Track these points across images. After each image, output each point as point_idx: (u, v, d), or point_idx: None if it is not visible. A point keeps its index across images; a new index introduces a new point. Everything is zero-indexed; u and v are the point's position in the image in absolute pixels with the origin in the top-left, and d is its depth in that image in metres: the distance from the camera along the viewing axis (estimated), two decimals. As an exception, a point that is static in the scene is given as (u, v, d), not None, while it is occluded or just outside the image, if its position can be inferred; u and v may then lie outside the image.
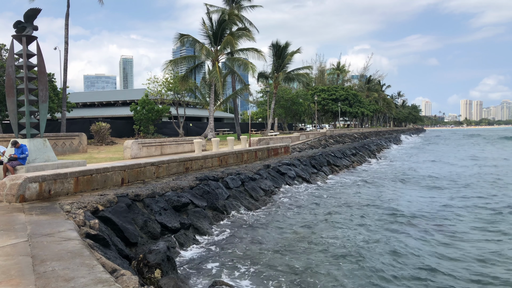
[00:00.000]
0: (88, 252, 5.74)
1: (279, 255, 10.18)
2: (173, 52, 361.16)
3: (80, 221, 7.94)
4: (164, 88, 39.10)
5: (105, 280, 4.63)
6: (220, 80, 35.41)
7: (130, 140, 20.52)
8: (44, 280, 4.62)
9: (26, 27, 12.99)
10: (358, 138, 61.95)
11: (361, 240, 11.54)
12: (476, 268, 9.49)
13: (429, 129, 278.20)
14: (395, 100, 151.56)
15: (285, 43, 47.08)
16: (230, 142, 23.23)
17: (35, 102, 13.57)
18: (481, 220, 14.29)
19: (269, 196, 17.46)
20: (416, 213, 15.25)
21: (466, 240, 11.78)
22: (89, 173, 11.46)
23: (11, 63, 13.11)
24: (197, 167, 17.35)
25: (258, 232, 12.22)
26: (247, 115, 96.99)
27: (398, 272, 9.11)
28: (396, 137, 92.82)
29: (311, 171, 25.19)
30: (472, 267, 9.55)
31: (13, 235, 6.56)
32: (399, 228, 13.13)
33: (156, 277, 7.47)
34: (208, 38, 37.39)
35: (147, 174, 14.09)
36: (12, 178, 9.72)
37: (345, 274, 8.92)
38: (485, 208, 16.38)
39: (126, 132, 39.49)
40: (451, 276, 8.94)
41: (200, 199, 13.21)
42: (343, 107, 77.66)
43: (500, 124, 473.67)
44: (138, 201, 11.03)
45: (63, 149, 23.31)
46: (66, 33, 30.75)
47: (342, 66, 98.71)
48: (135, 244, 9.26)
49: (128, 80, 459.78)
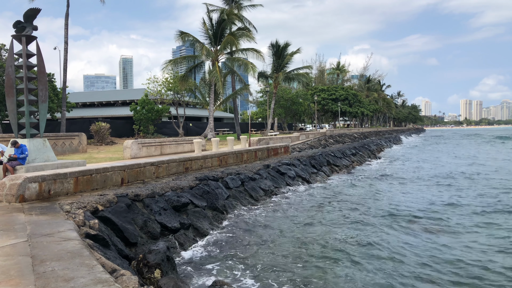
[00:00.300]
0: (87, 252, 5.73)
1: (280, 255, 10.17)
2: (173, 51, 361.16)
3: (80, 221, 7.93)
4: (164, 88, 39.10)
5: (104, 280, 4.62)
6: (220, 79, 35.43)
7: (129, 140, 20.51)
8: (44, 280, 4.61)
9: (25, 27, 12.98)
10: (358, 138, 61.96)
11: (361, 240, 11.54)
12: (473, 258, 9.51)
13: (429, 129, 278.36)
14: (395, 100, 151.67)
15: (285, 43, 47.13)
16: (230, 142, 23.23)
17: (35, 102, 13.56)
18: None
19: (269, 196, 17.46)
20: (412, 211, 15.27)
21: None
22: (88, 173, 11.45)
23: (10, 63, 13.10)
24: (197, 167, 17.35)
25: (258, 232, 12.22)
26: (247, 115, 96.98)
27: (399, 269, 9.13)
28: (396, 137, 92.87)
29: (311, 171, 25.19)
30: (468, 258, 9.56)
31: (13, 235, 6.56)
32: (400, 227, 13.14)
33: (156, 277, 7.47)
34: (208, 38, 37.42)
35: (146, 174, 14.09)
36: (11, 178, 9.71)
37: (346, 275, 8.92)
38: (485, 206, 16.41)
39: (125, 132, 39.49)
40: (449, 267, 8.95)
41: (200, 199, 13.21)
42: (343, 107, 77.70)
43: (500, 124, 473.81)
44: (138, 201, 11.03)
45: (62, 149, 23.30)
46: (65, 33, 30.75)
47: (342, 66, 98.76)
48: (134, 244, 9.25)
49: (128, 80, 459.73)
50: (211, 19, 37.46)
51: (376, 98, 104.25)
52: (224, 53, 38.18)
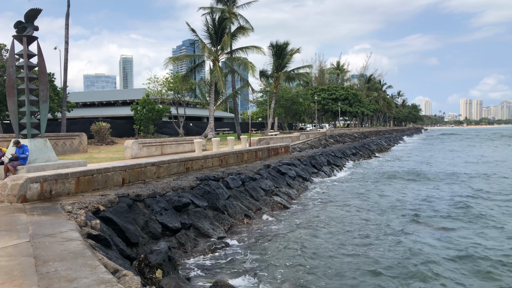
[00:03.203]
0: (90, 253, 5.76)
1: (280, 255, 10.20)
2: (173, 51, 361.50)
3: (82, 222, 7.95)
4: (165, 88, 39.13)
5: (107, 281, 4.64)
6: (221, 78, 35.52)
7: (130, 140, 20.52)
8: (47, 280, 4.63)
9: (26, 27, 12.98)
10: (358, 137, 61.98)
11: (359, 240, 11.57)
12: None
13: (430, 128, 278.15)
14: (395, 100, 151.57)
15: (284, 42, 47.08)
16: (230, 142, 23.24)
17: (36, 102, 13.57)
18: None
19: (269, 196, 17.47)
20: (413, 207, 15.29)
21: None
22: (90, 173, 11.47)
23: (11, 63, 13.11)
24: (198, 167, 17.37)
25: (260, 232, 12.24)
26: (247, 114, 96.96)
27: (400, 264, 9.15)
28: (396, 137, 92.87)
29: (311, 171, 25.21)
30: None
31: (15, 236, 6.58)
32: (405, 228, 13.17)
33: (157, 277, 7.49)
34: (209, 38, 37.53)
35: (147, 174, 14.11)
36: (13, 179, 9.73)
37: (349, 276, 8.95)
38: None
39: (126, 132, 39.49)
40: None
41: (201, 199, 13.23)
42: (343, 106, 77.68)
43: (500, 124, 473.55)
44: (139, 201, 11.05)
45: (63, 149, 23.32)
46: (66, 33, 30.75)
47: (342, 66, 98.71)
48: (136, 244, 9.27)
49: (128, 80, 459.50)
50: (214, 19, 37.62)
51: (376, 97, 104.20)
52: (225, 53, 38.27)
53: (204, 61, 38.46)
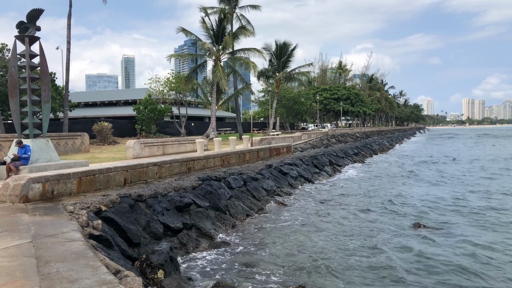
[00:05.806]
0: (91, 253, 5.75)
1: (282, 255, 10.18)
2: (175, 51, 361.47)
3: (83, 222, 7.95)
4: (166, 88, 39.17)
5: (109, 282, 4.63)
6: (223, 77, 35.55)
7: (132, 140, 20.54)
8: (49, 281, 4.63)
9: (29, 27, 13.01)
10: (360, 137, 61.91)
11: (359, 239, 11.54)
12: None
13: (431, 128, 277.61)
14: (397, 99, 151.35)
15: (283, 42, 47.04)
16: (232, 142, 23.23)
17: (38, 102, 13.59)
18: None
19: (271, 196, 17.46)
20: (408, 204, 15.26)
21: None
22: (92, 174, 11.48)
23: (14, 63, 13.14)
24: (199, 167, 17.36)
25: (262, 233, 12.22)
26: (248, 114, 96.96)
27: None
28: (398, 136, 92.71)
29: (313, 171, 25.19)
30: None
31: (17, 236, 6.58)
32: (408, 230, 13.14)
33: (159, 278, 7.49)
34: (210, 38, 37.53)
35: (149, 174, 14.11)
36: (15, 179, 9.74)
37: (350, 275, 8.93)
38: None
39: (128, 131, 39.54)
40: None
41: (203, 199, 13.22)
42: (345, 106, 77.60)
43: (503, 123, 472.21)
44: (141, 201, 11.05)
45: (65, 149, 23.36)
46: (68, 33, 30.81)
47: (344, 66, 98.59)
48: (138, 244, 9.27)
49: (130, 80, 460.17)
50: (217, 19, 37.67)
51: (378, 97, 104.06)
52: (226, 53, 38.29)
53: (206, 61, 38.49)
